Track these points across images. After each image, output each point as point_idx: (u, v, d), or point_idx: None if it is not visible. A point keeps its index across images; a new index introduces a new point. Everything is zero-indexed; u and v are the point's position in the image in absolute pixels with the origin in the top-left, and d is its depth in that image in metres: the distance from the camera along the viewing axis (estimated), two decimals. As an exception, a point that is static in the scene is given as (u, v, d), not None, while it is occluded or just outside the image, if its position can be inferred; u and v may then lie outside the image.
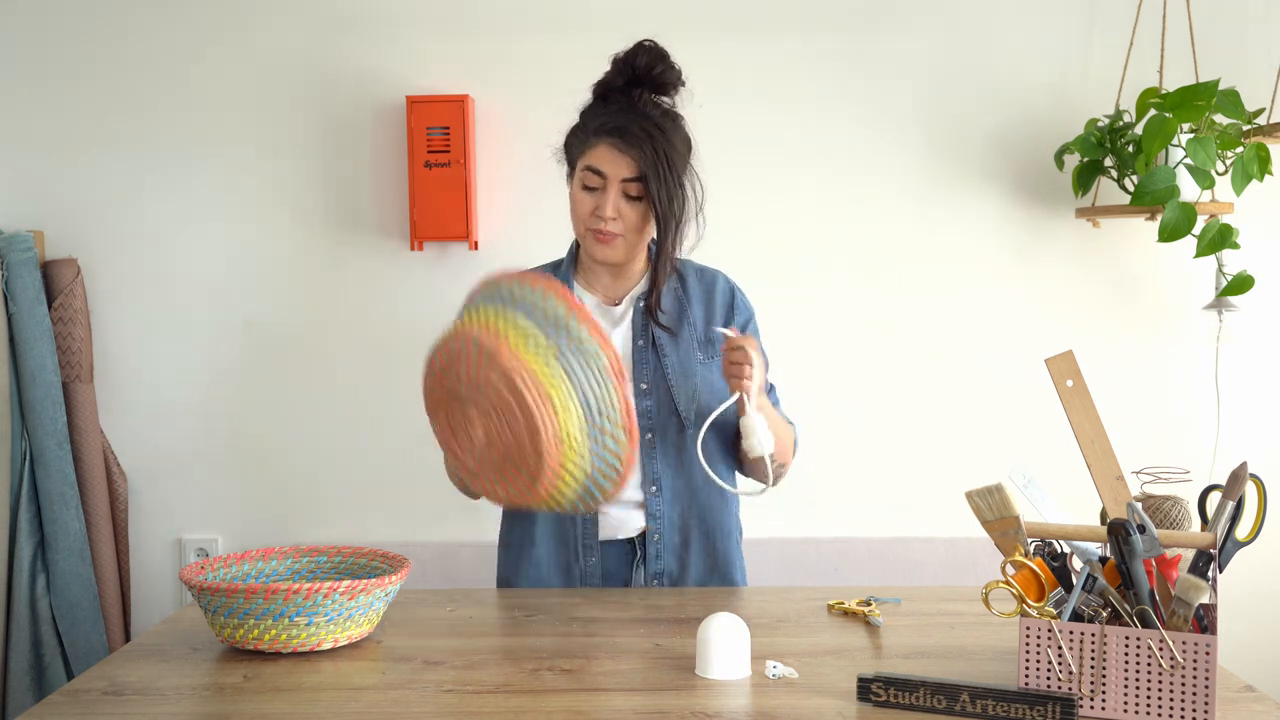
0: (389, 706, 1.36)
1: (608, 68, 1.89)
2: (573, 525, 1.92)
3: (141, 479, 2.70)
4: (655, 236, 1.88)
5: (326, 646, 1.56)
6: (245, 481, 2.70)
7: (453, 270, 2.65)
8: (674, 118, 1.89)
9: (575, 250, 2.00)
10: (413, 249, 2.62)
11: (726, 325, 1.96)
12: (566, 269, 1.97)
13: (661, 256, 1.87)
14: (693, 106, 1.92)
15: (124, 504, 2.67)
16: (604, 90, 1.90)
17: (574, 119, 1.93)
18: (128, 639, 2.68)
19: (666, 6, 2.61)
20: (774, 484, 1.86)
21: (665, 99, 1.89)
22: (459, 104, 2.56)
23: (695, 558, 1.94)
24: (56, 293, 2.59)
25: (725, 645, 1.44)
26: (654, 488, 1.90)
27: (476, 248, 2.64)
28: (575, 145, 1.89)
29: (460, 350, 1.54)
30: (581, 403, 1.51)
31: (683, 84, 1.89)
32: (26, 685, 2.50)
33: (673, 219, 1.85)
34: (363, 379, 2.68)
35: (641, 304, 1.94)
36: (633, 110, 1.85)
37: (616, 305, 1.96)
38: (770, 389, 1.99)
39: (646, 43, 1.88)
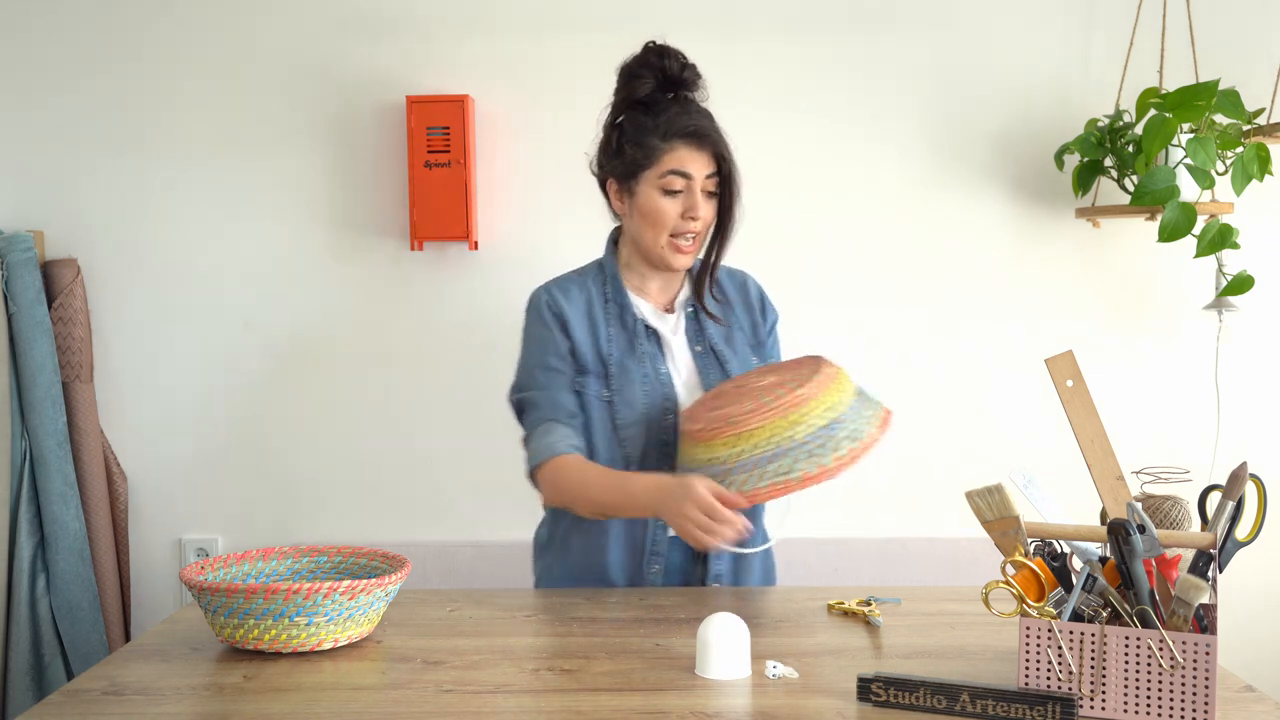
0: (389, 706, 1.36)
1: (635, 77, 1.88)
2: (643, 525, 1.90)
3: (141, 479, 2.70)
4: (716, 229, 1.92)
5: (326, 646, 1.56)
6: (245, 481, 2.70)
7: (453, 270, 2.65)
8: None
9: (614, 252, 1.98)
10: (413, 249, 2.62)
11: (767, 325, 2.03)
12: (613, 274, 1.95)
13: (723, 247, 1.93)
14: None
15: (124, 504, 2.67)
16: (647, 99, 1.88)
17: (599, 133, 1.93)
18: (128, 639, 2.68)
19: (666, 7, 2.61)
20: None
21: (696, 95, 1.91)
22: (459, 104, 2.56)
23: (754, 561, 1.96)
24: (56, 293, 2.59)
25: (725, 645, 1.44)
26: None
27: (476, 248, 2.64)
28: (642, 154, 1.86)
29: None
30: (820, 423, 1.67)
31: (700, 78, 1.92)
32: (26, 685, 2.50)
33: (739, 208, 1.91)
34: (363, 379, 2.68)
35: (691, 309, 1.96)
36: (691, 109, 1.87)
37: (671, 313, 1.97)
38: None
39: (657, 45, 1.88)
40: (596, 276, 1.97)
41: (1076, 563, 1.42)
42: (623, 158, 1.89)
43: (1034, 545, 1.41)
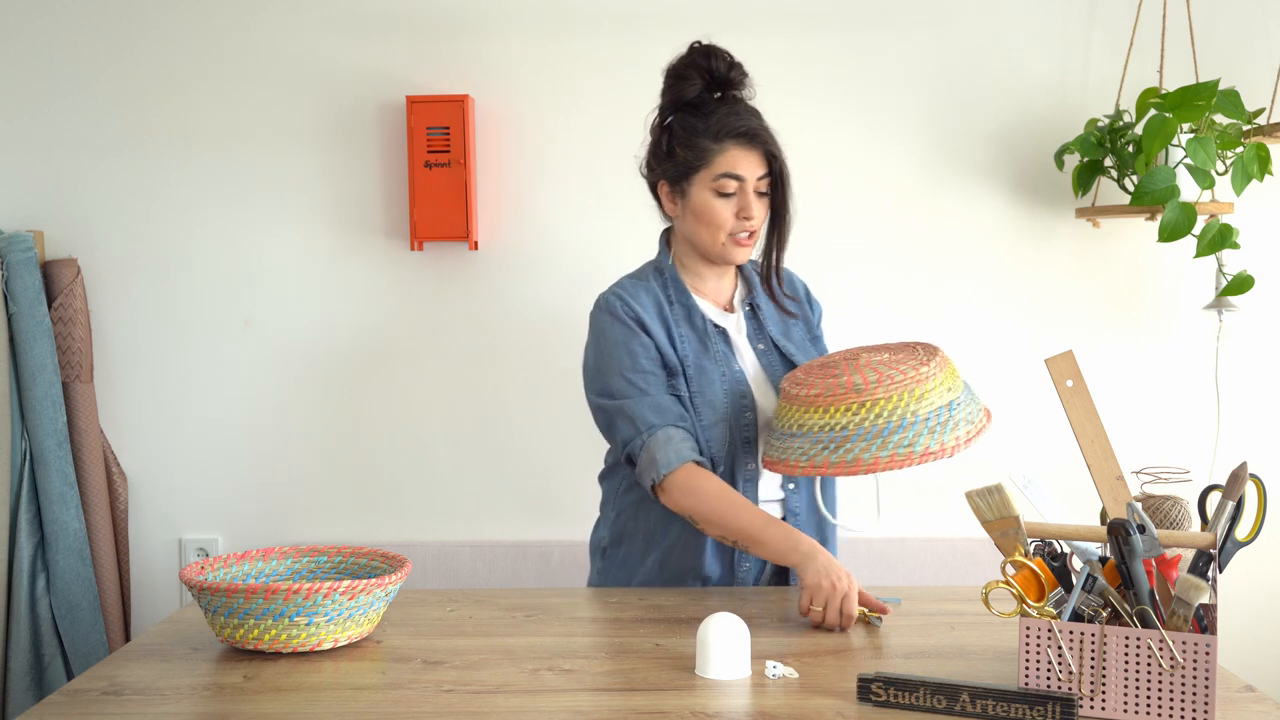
0: (389, 706, 1.36)
1: (682, 79, 1.87)
2: None
3: (141, 479, 2.70)
4: (771, 226, 1.94)
5: (326, 646, 1.56)
6: (245, 481, 2.70)
7: (453, 270, 2.65)
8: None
9: (668, 253, 1.97)
10: (413, 249, 2.62)
11: (816, 318, 2.06)
12: (674, 276, 1.95)
13: (782, 246, 1.94)
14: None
15: (124, 504, 2.67)
16: (695, 100, 1.88)
17: (646, 136, 1.93)
18: (128, 639, 2.68)
19: (666, 7, 2.61)
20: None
21: (744, 94, 1.92)
22: (459, 104, 2.56)
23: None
24: (56, 293, 2.59)
25: (725, 645, 1.44)
26: (791, 485, 1.92)
27: (476, 248, 2.64)
28: (694, 156, 1.86)
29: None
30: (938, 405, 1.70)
31: (747, 77, 1.92)
32: (26, 685, 2.50)
33: (792, 205, 1.92)
34: (363, 379, 2.68)
35: (748, 307, 1.97)
36: (740, 109, 1.87)
37: (731, 312, 1.97)
38: None
39: (703, 45, 1.89)
40: (656, 278, 1.95)
41: (1076, 563, 1.42)
42: (674, 160, 1.88)
43: (1034, 545, 1.41)
